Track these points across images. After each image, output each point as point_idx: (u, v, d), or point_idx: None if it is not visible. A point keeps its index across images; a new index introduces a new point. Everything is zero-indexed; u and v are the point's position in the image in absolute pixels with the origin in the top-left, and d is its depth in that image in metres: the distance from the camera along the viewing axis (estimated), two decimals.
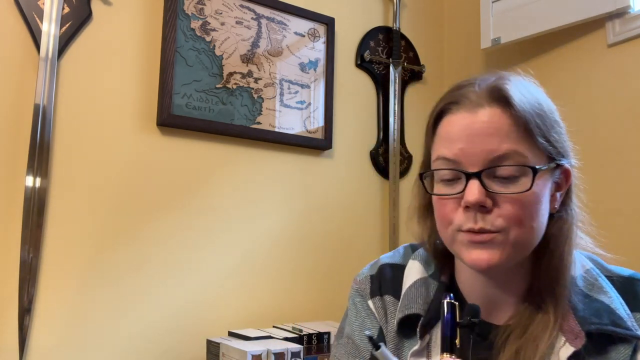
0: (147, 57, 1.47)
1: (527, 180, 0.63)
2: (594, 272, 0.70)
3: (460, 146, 0.65)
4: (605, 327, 0.63)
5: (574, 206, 0.71)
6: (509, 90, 0.66)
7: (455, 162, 0.66)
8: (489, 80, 0.69)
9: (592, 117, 1.53)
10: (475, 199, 0.63)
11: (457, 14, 2.09)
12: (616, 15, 1.49)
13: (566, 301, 0.66)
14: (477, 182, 0.63)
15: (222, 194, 1.55)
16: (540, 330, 0.65)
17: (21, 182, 1.27)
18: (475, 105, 0.66)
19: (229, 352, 1.29)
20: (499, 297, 0.71)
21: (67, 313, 1.31)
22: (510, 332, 0.67)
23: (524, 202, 0.63)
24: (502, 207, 0.63)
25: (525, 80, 0.71)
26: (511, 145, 0.64)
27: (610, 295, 0.67)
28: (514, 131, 0.64)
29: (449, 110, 0.69)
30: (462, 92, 0.69)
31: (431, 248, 0.77)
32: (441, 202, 0.68)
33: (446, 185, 0.68)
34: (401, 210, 1.87)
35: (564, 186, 0.70)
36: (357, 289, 0.82)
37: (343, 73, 1.84)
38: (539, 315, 0.66)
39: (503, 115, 0.65)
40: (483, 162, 0.64)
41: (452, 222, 0.66)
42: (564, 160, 0.68)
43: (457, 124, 0.67)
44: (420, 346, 0.70)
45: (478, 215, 0.64)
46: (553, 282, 0.67)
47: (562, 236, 0.68)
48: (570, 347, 0.63)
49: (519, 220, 0.63)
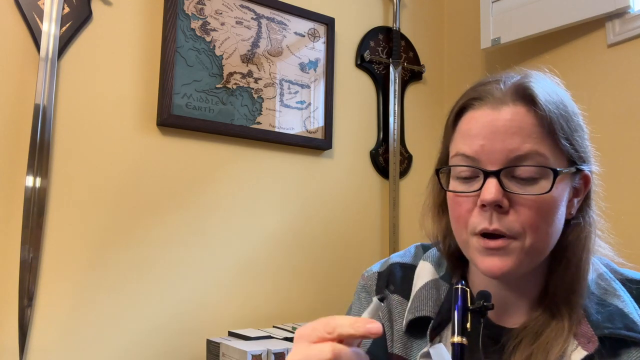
0: (147, 57, 1.47)
1: (547, 182, 0.62)
2: (607, 275, 0.69)
3: (481, 143, 0.63)
4: (619, 331, 0.62)
5: (592, 213, 0.69)
6: (535, 89, 0.64)
7: (474, 160, 0.64)
8: (514, 78, 0.67)
9: (591, 117, 1.53)
10: (492, 197, 0.61)
11: (457, 14, 2.09)
12: (616, 15, 1.49)
13: (581, 309, 0.65)
14: (495, 181, 0.62)
15: (222, 194, 1.55)
16: (553, 338, 0.64)
17: (21, 182, 1.27)
18: (499, 103, 0.64)
19: (229, 352, 1.29)
20: (511, 300, 0.70)
21: (67, 313, 1.31)
22: (523, 337, 0.66)
23: (541, 206, 0.62)
24: (518, 210, 0.62)
25: (551, 80, 0.70)
26: (533, 146, 0.62)
27: (623, 300, 0.66)
28: (537, 131, 0.63)
29: (472, 106, 0.67)
30: (486, 88, 0.67)
31: (445, 249, 0.75)
32: (456, 200, 0.66)
33: (463, 183, 0.66)
34: (401, 210, 1.87)
35: (582, 192, 0.68)
36: (363, 284, 0.82)
37: (343, 73, 1.84)
38: (553, 322, 0.65)
39: (527, 114, 0.63)
40: (503, 160, 0.62)
41: (467, 225, 0.65)
42: (584, 165, 0.67)
43: (479, 120, 0.65)
44: (429, 348, 0.69)
45: (494, 215, 0.62)
46: (569, 290, 0.66)
47: (580, 244, 0.66)
48: (583, 350, 0.62)
49: (535, 226, 0.62)
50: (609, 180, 0.75)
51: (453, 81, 2.05)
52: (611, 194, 0.77)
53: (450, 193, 0.68)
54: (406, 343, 0.73)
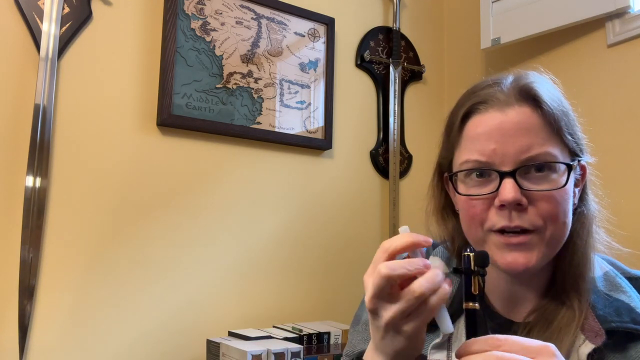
0: (147, 57, 1.47)
1: (558, 176, 0.65)
2: (613, 273, 0.71)
3: (493, 147, 0.65)
4: (626, 324, 0.64)
5: (591, 201, 0.73)
6: (538, 89, 0.67)
7: (486, 163, 0.66)
8: (513, 79, 0.69)
9: (591, 117, 1.52)
10: (512, 197, 0.63)
11: (457, 14, 2.09)
12: (616, 16, 1.49)
13: (589, 295, 0.67)
14: (512, 181, 0.64)
15: (221, 194, 1.55)
16: (565, 324, 0.65)
17: (21, 182, 1.27)
18: (505, 105, 0.66)
19: (229, 352, 1.29)
20: (521, 293, 0.71)
21: (67, 313, 1.31)
22: (532, 327, 0.67)
23: (557, 199, 0.64)
24: (537, 205, 0.64)
25: (546, 78, 0.72)
26: (542, 144, 0.65)
27: (629, 295, 0.67)
28: (543, 130, 0.65)
29: (477, 110, 0.68)
30: (489, 91, 0.69)
31: (455, 249, 0.76)
32: (471, 203, 0.68)
33: (476, 185, 0.68)
34: (401, 210, 1.87)
35: (581, 182, 0.71)
36: None
37: (343, 73, 1.84)
38: (563, 309, 0.67)
39: (533, 114, 0.66)
40: (516, 161, 0.64)
41: (484, 222, 0.66)
42: (583, 156, 0.70)
43: (487, 124, 0.67)
44: (441, 339, 0.70)
45: (513, 213, 0.64)
46: (577, 276, 0.68)
47: (584, 230, 0.69)
48: (590, 344, 0.63)
49: (555, 217, 0.64)
50: (608, 179, 0.76)
51: (453, 81, 2.05)
52: (611, 193, 0.77)
53: (463, 196, 0.69)
54: None
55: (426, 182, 0.80)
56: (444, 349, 0.71)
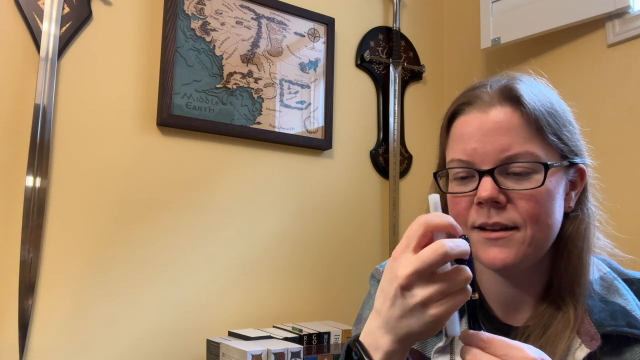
0: (147, 57, 1.47)
1: (540, 176, 0.65)
2: (610, 275, 0.71)
3: (474, 146, 0.67)
4: (621, 328, 0.63)
5: (590, 205, 0.72)
6: (520, 90, 0.67)
7: (468, 162, 0.67)
8: (501, 81, 0.71)
9: (592, 117, 1.53)
10: (487, 194, 0.64)
11: (457, 14, 2.09)
12: (616, 15, 1.49)
13: (585, 300, 0.67)
14: (490, 179, 0.65)
15: (221, 194, 1.55)
16: (560, 330, 0.65)
17: (21, 182, 1.27)
18: (487, 105, 0.68)
19: (229, 352, 1.29)
20: (518, 297, 0.71)
21: (67, 313, 1.31)
22: (530, 333, 0.68)
23: (538, 199, 0.64)
24: (517, 203, 0.65)
25: (537, 80, 0.73)
26: (523, 143, 0.65)
27: (626, 298, 0.67)
28: (525, 129, 0.66)
29: (462, 111, 0.70)
30: (475, 93, 0.70)
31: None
32: (455, 201, 0.70)
33: (460, 184, 0.69)
34: (401, 210, 1.87)
35: (579, 185, 0.71)
36: (378, 278, 0.84)
37: (343, 73, 1.84)
38: (559, 314, 0.67)
39: (514, 114, 0.66)
40: (495, 160, 0.65)
41: (467, 220, 0.68)
42: (577, 159, 0.70)
43: (470, 124, 0.68)
44: (444, 343, 0.71)
45: (492, 210, 0.65)
46: (573, 282, 0.68)
47: (580, 235, 0.69)
48: (586, 348, 0.63)
49: (535, 217, 0.64)
50: (608, 179, 0.76)
51: (453, 81, 2.05)
52: (611, 193, 0.77)
53: (449, 194, 0.71)
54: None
55: (426, 182, 0.81)
56: (447, 352, 0.71)
